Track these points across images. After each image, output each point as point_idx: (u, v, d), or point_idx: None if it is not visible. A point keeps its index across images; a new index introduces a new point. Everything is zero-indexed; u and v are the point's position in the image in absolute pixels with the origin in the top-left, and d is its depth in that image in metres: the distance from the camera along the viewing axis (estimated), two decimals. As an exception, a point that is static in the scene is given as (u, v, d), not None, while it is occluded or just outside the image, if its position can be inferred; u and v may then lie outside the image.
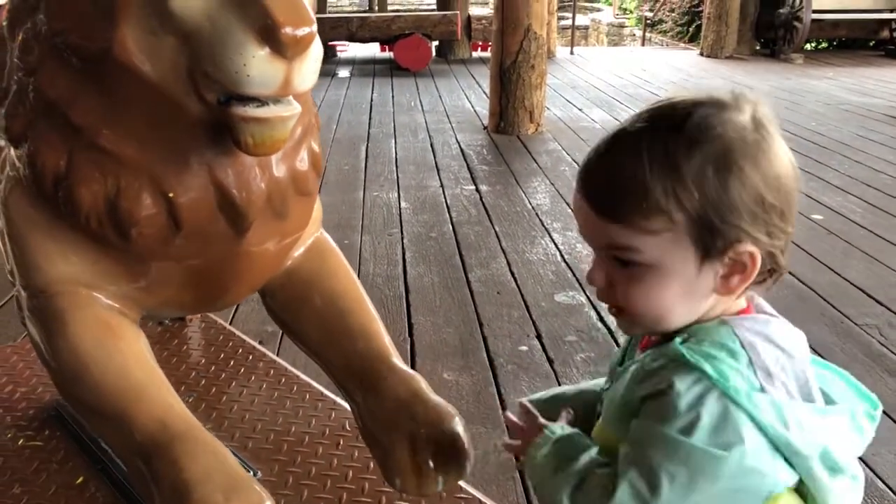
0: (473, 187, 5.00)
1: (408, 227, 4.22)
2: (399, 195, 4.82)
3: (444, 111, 7.61)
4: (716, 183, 0.79)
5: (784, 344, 0.84)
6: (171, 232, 1.25)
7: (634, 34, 16.41)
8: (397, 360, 1.43)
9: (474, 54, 11.79)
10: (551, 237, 4.05)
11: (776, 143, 0.83)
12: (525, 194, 4.84)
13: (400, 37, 10.32)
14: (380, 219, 4.37)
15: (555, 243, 3.95)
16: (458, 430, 1.29)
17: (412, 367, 2.70)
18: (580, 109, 7.58)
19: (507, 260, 3.74)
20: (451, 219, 4.37)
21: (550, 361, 2.76)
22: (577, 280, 3.45)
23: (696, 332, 0.85)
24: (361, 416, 1.41)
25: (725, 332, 0.83)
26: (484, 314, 3.15)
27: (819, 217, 4.26)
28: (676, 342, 0.84)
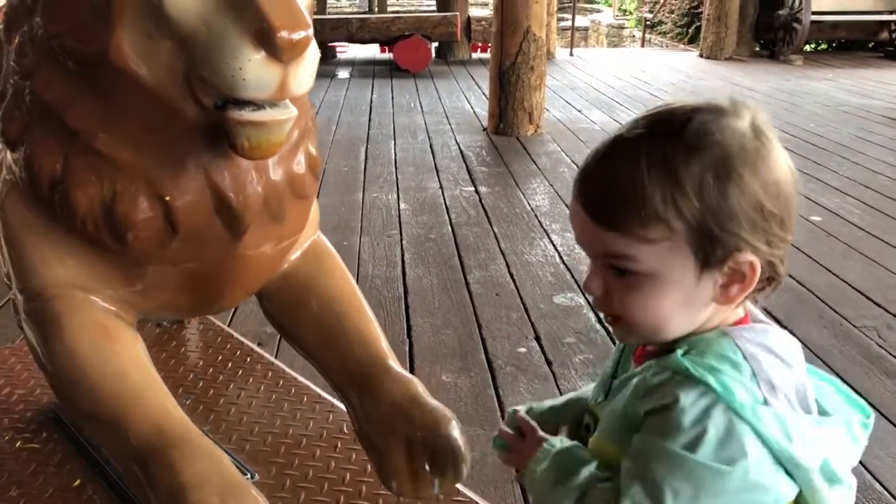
0: (473, 189, 5.00)
1: (407, 229, 4.22)
2: (398, 196, 4.82)
3: (444, 112, 7.61)
4: (715, 191, 0.78)
5: (783, 354, 0.83)
6: (168, 235, 1.25)
7: (634, 35, 16.42)
8: (394, 364, 1.43)
9: (474, 55, 11.79)
10: (550, 239, 4.05)
11: (775, 149, 0.82)
12: (524, 196, 4.84)
13: (400, 38, 10.32)
14: (379, 220, 4.37)
15: (554, 245, 3.95)
16: (454, 434, 1.28)
17: (411, 368, 2.71)
18: (579, 111, 7.58)
19: (506, 261, 3.74)
20: (450, 220, 4.37)
21: (549, 363, 2.76)
22: (576, 282, 3.45)
23: (697, 343, 0.84)
24: (358, 419, 1.41)
25: (727, 344, 0.82)
26: (483, 316, 3.15)
27: (818, 218, 4.26)
28: (678, 355, 0.82)
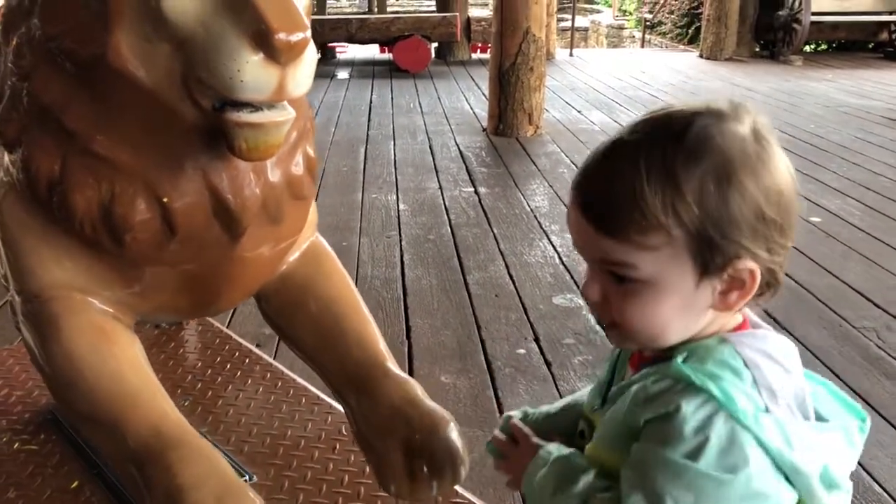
0: (472, 189, 5.00)
1: (406, 230, 4.22)
2: (397, 197, 4.82)
3: (444, 113, 7.61)
4: (716, 197, 0.77)
5: (782, 360, 0.83)
6: (166, 237, 1.25)
7: (634, 36, 16.42)
8: (392, 366, 1.43)
9: (474, 56, 11.79)
10: (549, 239, 4.04)
11: (776, 154, 0.81)
12: (524, 196, 4.84)
13: (399, 38, 10.32)
14: (378, 221, 4.37)
15: (553, 246, 3.95)
16: (452, 436, 1.28)
17: (410, 369, 2.71)
18: (579, 111, 7.58)
19: (506, 262, 3.74)
20: (449, 221, 4.37)
21: (548, 364, 2.76)
22: (575, 283, 3.45)
23: (696, 350, 0.83)
24: (356, 421, 1.41)
25: (728, 351, 0.81)
26: (482, 317, 3.15)
27: (817, 220, 4.25)
28: (678, 362, 0.81)
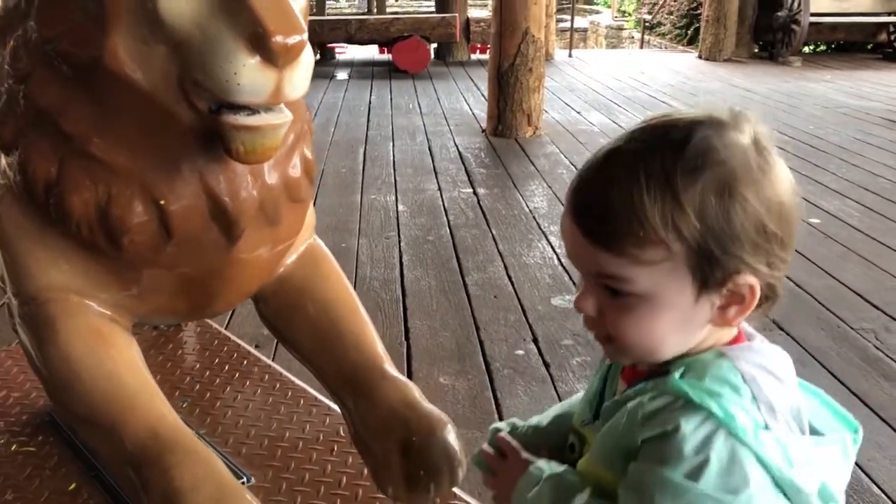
0: (471, 190, 4.99)
1: (405, 231, 4.22)
2: (396, 198, 4.82)
3: (443, 114, 7.61)
4: (717, 211, 0.75)
5: (779, 373, 0.81)
6: (163, 240, 1.25)
7: (633, 37, 16.40)
8: (390, 368, 1.43)
9: (473, 57, 11.79)
10: (548, 240, 4.04)
11: (777, 164, 0.79)
12: (522, 197, 4.83)
13: (398, 39, 10.32)
14: (377, 222, 4.37)
15: (552, 246, 3.95)
16: (449, 439, 1.29)
17: (408, 370, 2.70)
18: (578, 112, 7.57)
19: (504, 263, 3.74)
20: (448, 222, 4.37)
21: (547, 365, 2.76)
22: (574, 284, 3.45)
23: (693, 365, 0.81)
24: (354, 423, 1.41)
25: (726, 366, 0.79)
26: (480, 318, 3.15)
27: (816, 221, 4.25)
28: (675, 378, 0.79)
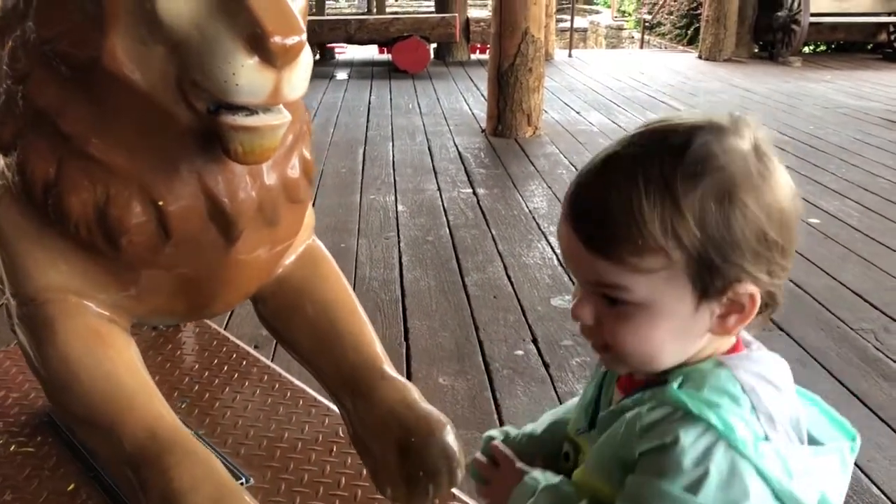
0: (471, 190, 4.99)
1: (404, 231, 4.22)
2: (396, 198, 4.82)
3: (442, 114, 7.61)
4: (718, 218, 0.74)
5: (777, 381, 0.80)
6: (161, 240, 1.25)
7: (633, 37, 16.40)
8: (389, 369, 1.43)
9: (473, 57, 11.79)
10: (548, 241, 4.04)
11: (777, 171, 0.78)
12: (522, 198, 4.83)
13: (398, 39, 10.32)
14: (376, 222, 4.37)
15: (551, 247, 3.95)
16: (448, 440, 1.28)
17: (408, 371, 2.70)
18: (578, 112, 7.57)
19: (504, 264, 3.74)
20: (447, 222, 4.36)
21: (546, 366, 2.75)
22: (574, 284, 3.44)
23: (692, 374, 0.79)
24: (353, 424, 1.40)
25: (725, 376, 0.78)
26: (480, 318, 3.15)
27: (816, 221, 4.25)
28: (674, 388, 0.78)
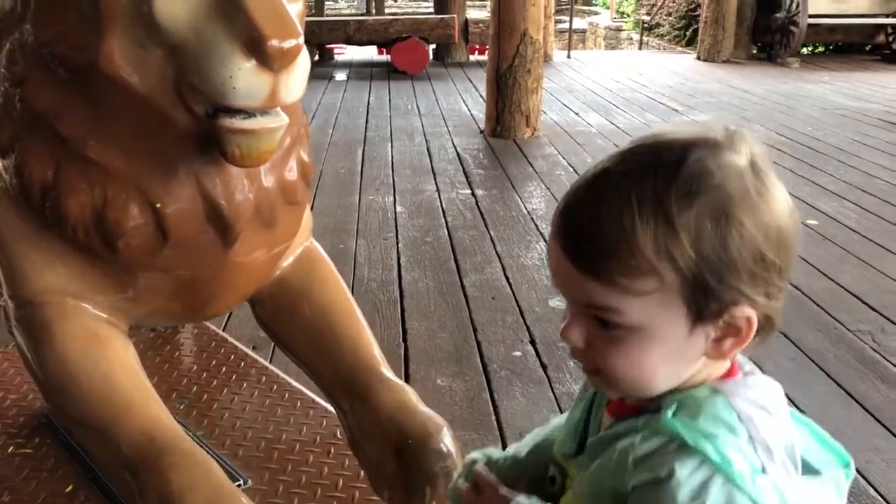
0: (469, 191, 4.99)
1: (403, 232, 4.22)
2: (395, 199, 4.81)
3: (441, 115, 7.60)
4: (713, 238, 0.71)
5: (770, 407, 0.77)
6: (159, 243, 1.26)
7: (632, 38, 16.41)
8: (386, 371, 1.43)
9: (472, 58, 11.78)
10: (546, 242, 4.04)
11: (775, 188, 0.75)
12: (521, 199, 4.83)
13: (397, 40, 10.31)
14: (375, 223, 4.37)
15: (550, 248, 3.95)
16: (445, 442, 1.28)
17: (406, 372, 2.70)
18: (577, 113, 7.57)
19: (502, 265, 3.74)
20: (446, 223, 4.36)
21: (544, 367, 2.75)
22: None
23: (686, 401, 0.76)
24: (350, 426, 1.41)
25: (721, 403, 0.75)
26: (478, 319, 3.15)
27: (814, 222, 4.25)
28: (668, 417, 0.75)
